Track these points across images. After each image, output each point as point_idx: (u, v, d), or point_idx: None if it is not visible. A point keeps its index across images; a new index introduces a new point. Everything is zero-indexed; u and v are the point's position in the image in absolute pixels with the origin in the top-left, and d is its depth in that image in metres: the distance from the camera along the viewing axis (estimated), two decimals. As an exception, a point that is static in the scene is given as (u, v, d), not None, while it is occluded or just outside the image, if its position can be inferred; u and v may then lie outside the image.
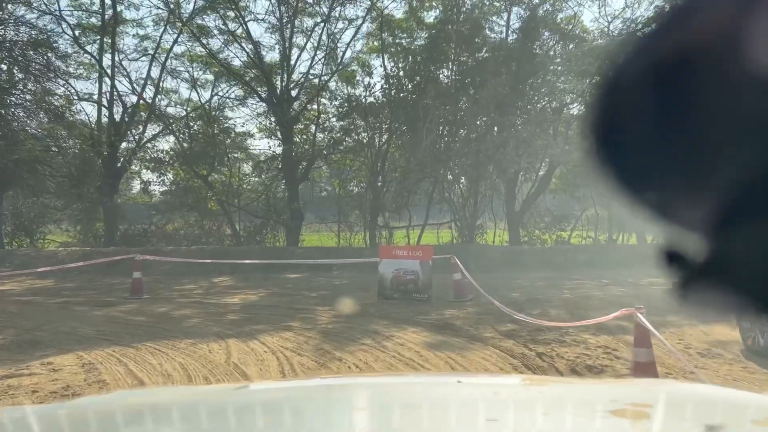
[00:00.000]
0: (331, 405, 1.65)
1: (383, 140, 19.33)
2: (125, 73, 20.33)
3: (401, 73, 18.00)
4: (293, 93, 19.81)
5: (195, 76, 21.00)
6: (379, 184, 19.10)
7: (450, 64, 17.04)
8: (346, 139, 20.44)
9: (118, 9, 20.19)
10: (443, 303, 9.97)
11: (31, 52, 20.19)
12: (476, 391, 1.84)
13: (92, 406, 1.76)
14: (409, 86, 17.37)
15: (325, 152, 19.87)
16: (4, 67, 20.21)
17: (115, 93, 19.56)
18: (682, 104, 0.40)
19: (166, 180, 19.88)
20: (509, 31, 17.89)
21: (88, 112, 19.84)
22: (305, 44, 19.84)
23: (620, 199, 0.46)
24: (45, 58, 20.22)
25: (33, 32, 19.80)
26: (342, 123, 20.36)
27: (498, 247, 17.64)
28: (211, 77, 20.63)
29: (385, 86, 17.98)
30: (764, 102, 0.37)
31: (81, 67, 20.84)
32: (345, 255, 15.67)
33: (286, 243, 18.97)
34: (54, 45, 20.16)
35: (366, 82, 19.03)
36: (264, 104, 20.03)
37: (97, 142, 18.32)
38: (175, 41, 20.15)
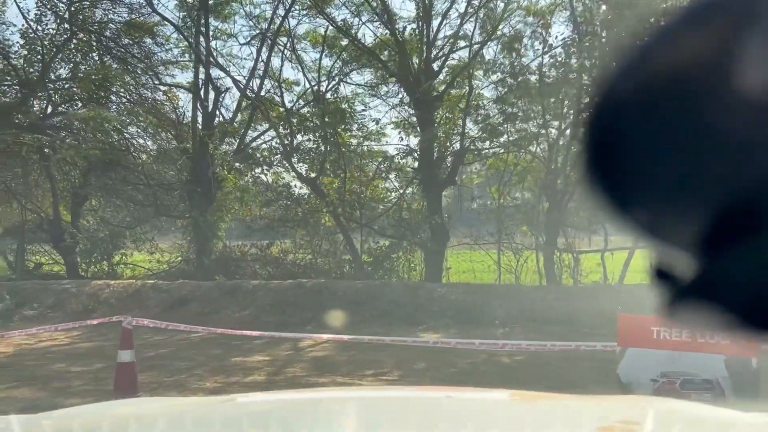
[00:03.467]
0: (319, 418, 1.60)
1: (564, 125, 13.22)
2: (228, 59, 16.17)
3: (597, 22, 11.83)
4: (434, 66, 14.32)
5: (311, 58, 16.27)
6: (559, 189, 12.96)
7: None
8: (509, 128, 14.49)
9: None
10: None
11: (127, 39, 16.71)
12: (466, 406, 1.77)
13: (77, 417, 1.71)
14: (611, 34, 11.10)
15: (479, 144, 14.09)
16: (96, 56, 16.89)
17: (210, 83, 15.25)
18: (675, 122, 0.39)
19: (264, 180, 15.26)
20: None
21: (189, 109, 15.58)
22: (450, 5, 14.26)
23: (610, 214, 0.42)
24: (141, 44, 16.65)
25: (124, 13, 16.28)
26: (503, 107, 14.48)
27: None
28: (316, 56, 15.60)
29: (570, 39, 11.86)
30: (757, 121, 0.37)
31: (185, 53, 17.01)
32: (510, 298, 9.84)
33: (426, 274, 13.42)
34: (153, 29, 16.50)
35: (539, 43, 13.01)
36: (396, 83, 14.71)
37: (183, 138, 14.06)
38: (288, 11, 15.46)
